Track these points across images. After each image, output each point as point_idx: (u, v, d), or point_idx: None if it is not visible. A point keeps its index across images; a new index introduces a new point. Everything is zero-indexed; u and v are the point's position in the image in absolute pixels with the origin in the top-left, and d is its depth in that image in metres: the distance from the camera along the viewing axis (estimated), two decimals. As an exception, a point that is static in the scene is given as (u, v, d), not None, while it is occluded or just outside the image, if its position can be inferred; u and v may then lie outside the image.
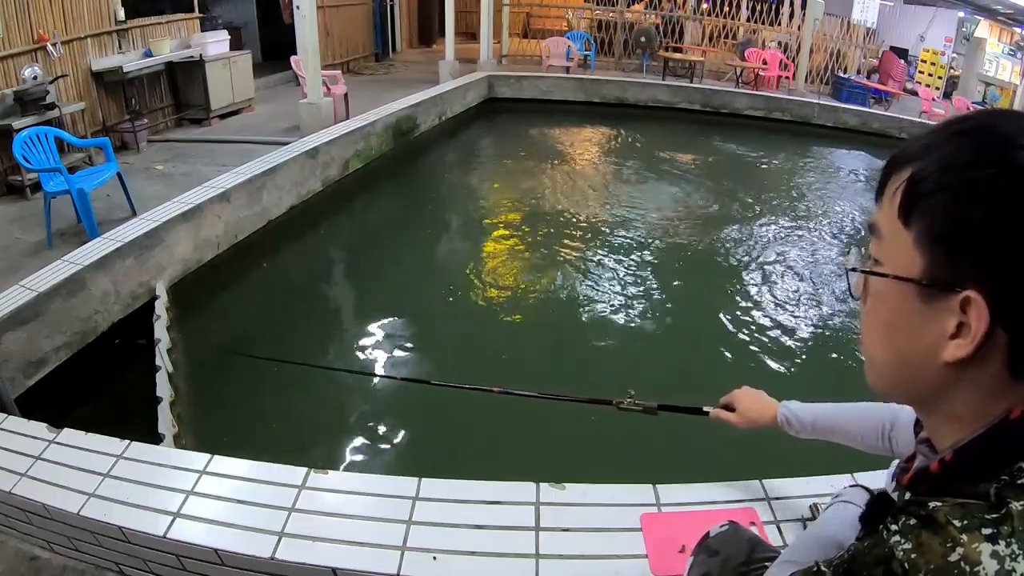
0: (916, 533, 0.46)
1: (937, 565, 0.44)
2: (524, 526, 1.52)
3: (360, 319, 4.10)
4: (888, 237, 0.55)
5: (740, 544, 1.10)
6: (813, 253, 5.19)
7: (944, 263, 0.50)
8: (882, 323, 0.57)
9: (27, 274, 3.13)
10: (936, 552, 0.45)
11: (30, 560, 1.82)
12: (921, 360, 0.53)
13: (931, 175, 0.51)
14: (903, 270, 0.53)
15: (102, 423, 2.00)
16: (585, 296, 4.26)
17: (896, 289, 0.54)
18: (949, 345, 0.51)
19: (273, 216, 4.81)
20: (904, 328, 0.54)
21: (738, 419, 1.28)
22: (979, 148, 0.49)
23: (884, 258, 0.56)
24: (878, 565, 0.48)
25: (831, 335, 3.97)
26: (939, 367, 0.52)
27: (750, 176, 7.37)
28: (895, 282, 0.54)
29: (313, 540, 1.49)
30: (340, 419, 3.11)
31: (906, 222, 0.52)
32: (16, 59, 4.99)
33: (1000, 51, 11.91)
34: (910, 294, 0.53)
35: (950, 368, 0.51)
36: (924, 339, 0.52)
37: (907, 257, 0.52)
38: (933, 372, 0.53)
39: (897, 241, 0.54)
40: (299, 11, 6.32)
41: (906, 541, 0.46)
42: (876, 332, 0.58)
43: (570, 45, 10.57)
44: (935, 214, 0.50)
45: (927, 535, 0.46)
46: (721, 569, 1.06)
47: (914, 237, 0.52)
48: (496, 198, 6.24)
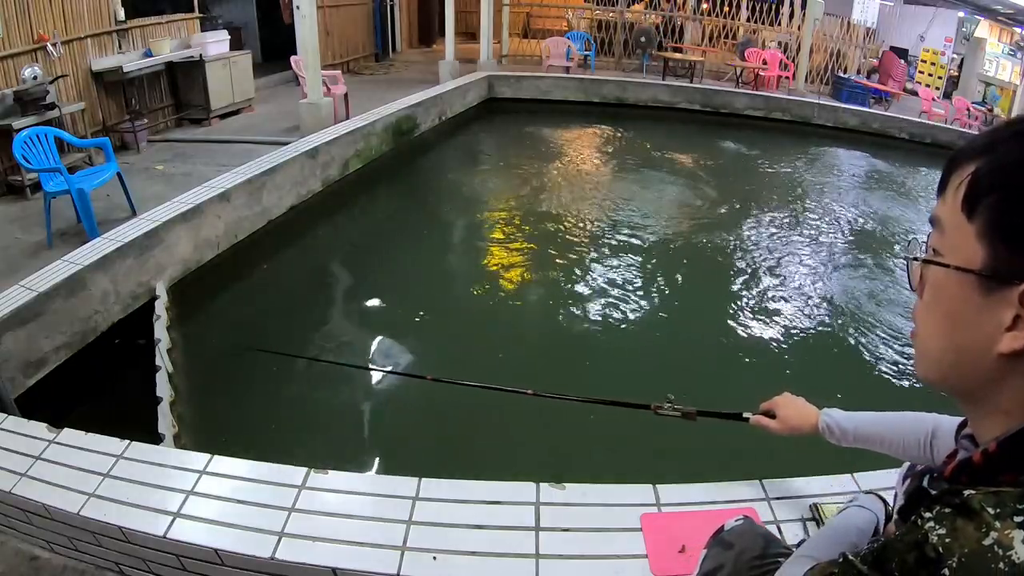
0: (951, 519, 0.48)
1: (971, 549, 0.45)
2: (524, 526, 1.52)
3: (360, 319, 4.10)
4: (950, 230, 0.56)
5: (755, 538, 1.10)
6: (814, 253, 5.19)
7: (1005, 256, 0.52)
8: (940, 314, 0.58)
9: (27, 274, 3.13)
10: (970, 537, 0.46)
11: (30, 560, 1.82)
12: (976, 351, 0.55)
13: (997, 171, 0.53)
14: (964, 261, 0.54)
15: (102, 423, 2.00)
16: (585, 296, 4.26)
17: (956, 280, 0.55)
18: (1005, 337, 0.52)
19: (273, 216, 4.81)
20: (961, 319, 0.56)
21: (779, 426, 1.27)
22: None
23: (945, 250, 0.57)
24: (911, 551, 0.49)
25: (832, 334, 3.97)
26: (993, 358, 0.53)
27: (750, 176, 7.37)
28: (956, 273, 0.55)
29: (313, 540, 1.49)
30: (340, 419, 3.11)
31: (969, 215, 0.54)
32: (16, 59, 4.99)
33: (1000, 51, 11.91)
34: (970, 285, 0.54)
35: (1003, 360, 0.53)
36: (981, 330, 0.54)
37: (969, 249, 0.54)
38: (987, 363, 0.54)
39: (959, 233, 0.55)
40: (299, 11, 6.32)
41: (940, 527, 0.48)
42: (932, 323, 0.59)
43: (570, 45, 10.57)
44: (1000, 209, 0.52)
45: (962, 521, 0.47)
46: (735, 563, 1.06)
47: (977, 230, 0.53)
48: (496, 198, 6.24)
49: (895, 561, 0.50)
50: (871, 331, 3.97)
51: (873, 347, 3.81)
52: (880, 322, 4.07)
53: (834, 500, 1.56)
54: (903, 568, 0.49)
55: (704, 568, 1.12)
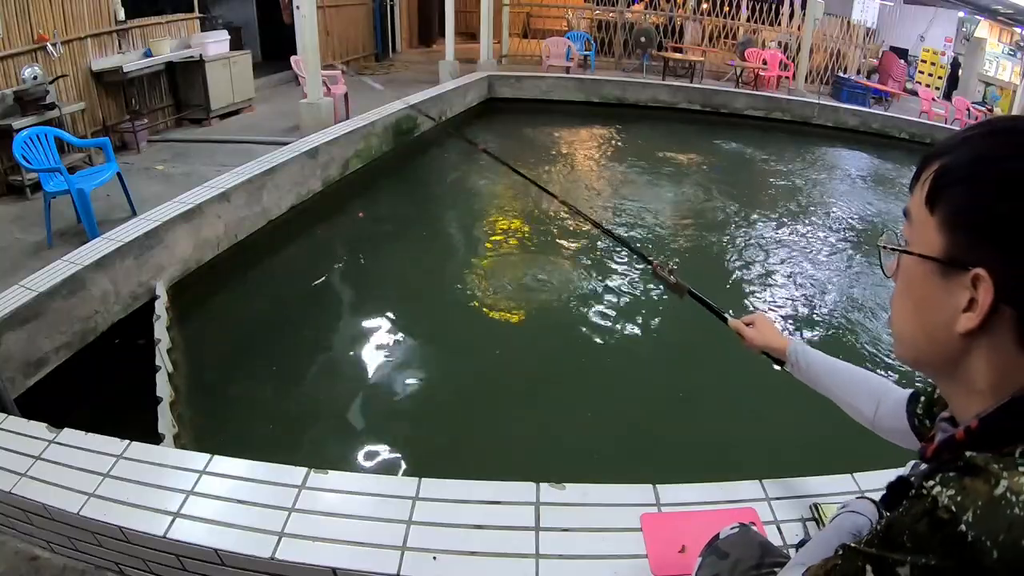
0: (958, 480, 0.50)
1: (985, 500, 0.47)
2: (524, 526, 1.52)
3: (360, 318, 4.10)
4: (917, 222, 0.62)
5: (751, 547, 1.09)
6: (814, 252, 5.19)
7: (961, 244, 0.57)
8: (909, 299, 0.64)
9: (27, 274, 3.12)
10: (981, 490, 0.48)
11: (30, 560, 1.82)
12: (941, 332, 0.60)
13: (955, 168, 0.58)
14: (927, 250, 0.60)
15: (102, 423, 2.00)
16: (585, 296, 4.25)
17: (921, 267, 0.61)
18: (962, 317, 0.57)
19: (273, 216, 4.80)
20: (926, 303, 0.61)
21: (753, 334, 1.31)
22: (1001, 145, 0.57)
23: (913, 240, 0.63)
24: (920, 519, 0.50)
25: (834, 334, 3.97)
26: (955, 338, 0.58)
27: (750, 176, 7.37)
28: (920, 260, 0.61)
29: (313, 540, 1.49)
30: (340, 419, 3.11)
31: (932, 208, 0.60)
32: (16, 59, 4.99)
33: (1000, 51, 11.91)
34: (932, 271, 0.60)
35: (964, 339, 0.58)
36: (943, 312, 0.59)
37: (931, 239, 0.60)
38: (951, 343, 0.59)
39: (924, 225, 0.61)
40: (299, 11, 6.32)
41: (949, 489, 0.49)
42: (904, 307, 0.65)
43: (570, 45, 10.57)
44: (956, 200, 0.58)
45: (969, 479, 0.49)
46: (731, 572, 1.06)
47: (937, 221, 0.59)
48: (496, 198, 6.24)
49: (905, 534, 0.50)
50: (870, 328, 3.97)
51: (873, 343, 3.81)
52: (878, 318, 4.07)
53: (834, 500, 1.55)
54: (915, 538, 0.50)
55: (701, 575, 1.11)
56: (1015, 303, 0.54)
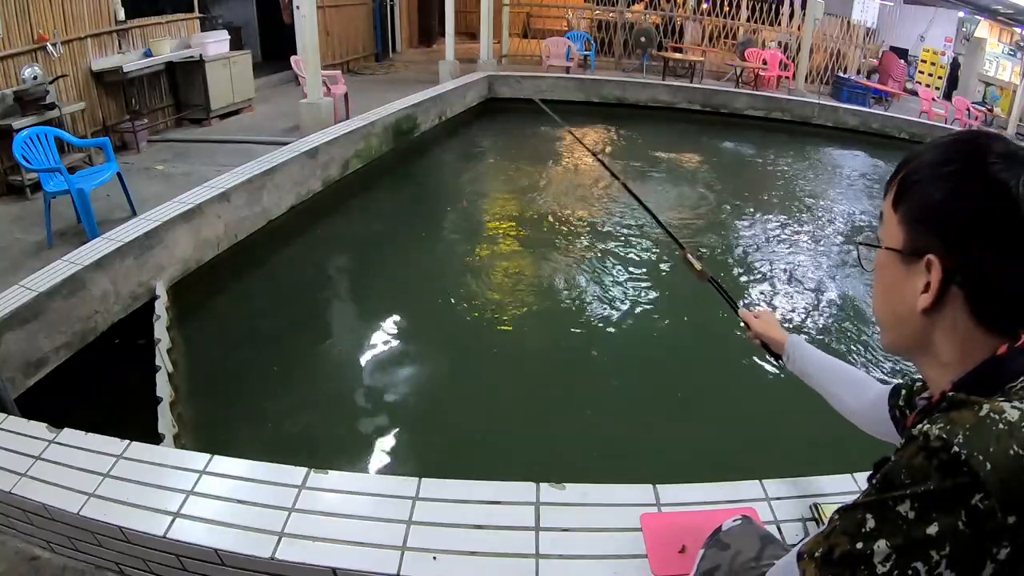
0: (944, 416, 0.55)
1: (972, 423, 0.52)
2: (524, 526, 1.51)
3: (360, 318, 4.11)
4: (886, 221, 0.72)
5: (752, 540, 1.10)
6: (815, 252, 5.19)
7: (915, 236, 0.67)
8: (882, 288, 0.73)
9: (27, 274, 3.12)
10: (967, 417, 0.53)
11: (30, 560, 1.82)
12: (907, 314, 0.69)
13: (914, 172, 0.69)
14: (892, 243, 0.70)
15: (102, 423, 2.00)
16: (586, 296, 4.25)
17: (889, 259, 0.71)
18: (921, 298, 0.66)
19: (273, 216, 4.80)
20: (894, 289, 0.70)
21: (757, 325, 1.39)
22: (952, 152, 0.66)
23: (884, 237, 0.72)
24: (916, 455, 0.53)
25: (825, 328, 3.97)
26: (918, 318, 0.67)
27: (750, 176, 7.37)
28: (887, 252, 0.71)
29: (313, 540, 1.49)
30: (340, 418, 3.11)
31: (895, 207, 0.70)
32: (16, 59, 4.99)
33: (1000, 51, 11.91)
34: (897, 261, 0.69)
35: (925, 317, 0.67)
36: (907, 295, 0.68)
37: (895, 233, 0.70)
38: (916, 323, 0.68)
39: (890, 222, 0.71)
40: (299, 11, 6.32)
41: (937, 424, 0.54)
42: (879, 296, 0.74)
43: (570, 45, 10.57)
44: (913, 199, 0.68)
45: (955, 412, 0.55)
46: (731, 563, 1.06)
47: (899, 218, 0.69)
48: (496, 198, 6.24)
49: (902, 473, 0.53)
50: (860, 323, 3.98)
51: (862, 336, 3.81)
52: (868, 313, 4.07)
53: (834, 500, 1.55)
54: (912, 471, 0.52)
55: (701, 568, 1.12)
56: (961, 284, 0.63)
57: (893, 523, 0.51)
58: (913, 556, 0.50)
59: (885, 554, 0.51)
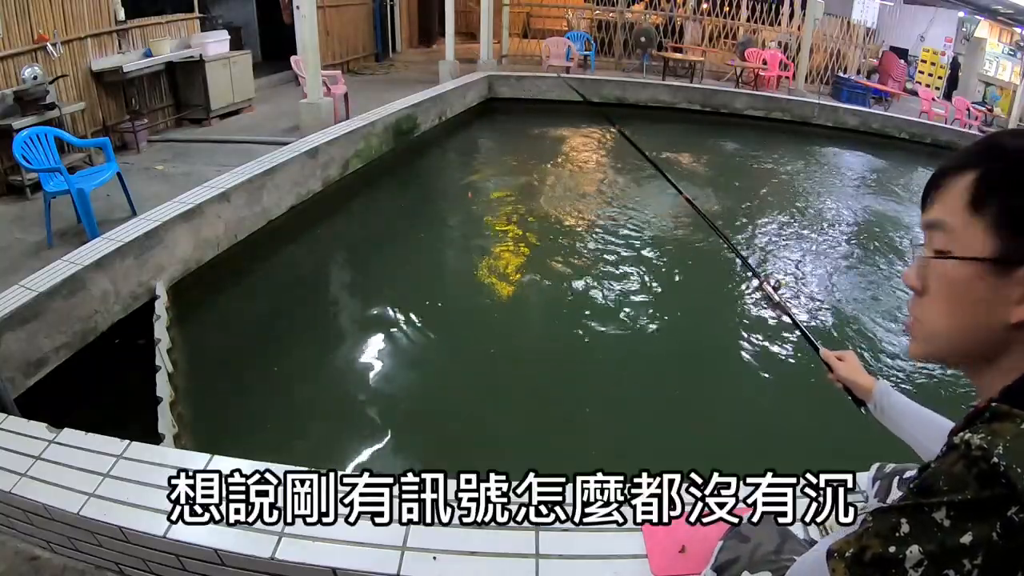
0: (986, 426, 0.54)
1: (1013, 435, 0.51)
2: (524, 526, 1.51)
3: (360, 318, 4.10)
4: (958, 229, 0.65)
5: (772, 533, 1.10)
6: (813, 252, 5.19)
7: (1012, 244, 0.61)
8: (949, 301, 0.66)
9: (27, 274, 3.12)
10: (1009, 429, 0.52)
11: (30, 560, 1.82)
12: (987, 327, 0.64)
13: (998, 172, 0.62)
14: (973, 252, 0.63)
15: (102, 423, 2.00)
16: (586, 296, 4.25)
17: (966, 270, 0.64)
18: (1016, 310, 0.61)
19: (273, 216, 4.80)
20: (971, 301, 0.64)
21: (842, 369, 1.28)
22: None
23: (955, 247, 0.65)
24: (956, 463, 0.52)
25: (838, 334, 3.97)
26: (1003, 328, 0.62)
27: (750, 176, 7.37)
28: (968, 263, 0.64)
29: (313, 540, 1.49)
30: (340, 418, 3.11)
31: (976, 211, 0.63)
32: (16, 59, 4.99)
33: (1000, 51, 11.91)
34: (981, 272, 0.63)
35: (1012, 329, 0.62)
36: (992, 307, 0.63)
37: (978, 242, 0.63)
38: (994, 335, 0.63)
39: (968, 231, 0.64)
40: (299, 11, 6.32)
41: (979, 434, 0.53)
42: (940, 309, 0.67)
43: (570, 45, 10.57)
44: (1005, 204, 0.61)
45: (997, 424, 0.54)
46: (751, 555, 1.07)
47: (985, 225, 0.62)
48: (496, 198, 6.23)
49: (940, 479, 0.52)
50: (871, 326, 3.98)
51: (876, 340, 3.81)
52: (874, 313, 4.08)
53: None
54: (951, 479, 0.52)
55: (719, 560, 1.12)
56: None
57: (928, 529, 0.51)
58: (945, 563, 0.50)
59: (917, 559, 0.51)
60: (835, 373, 1.29)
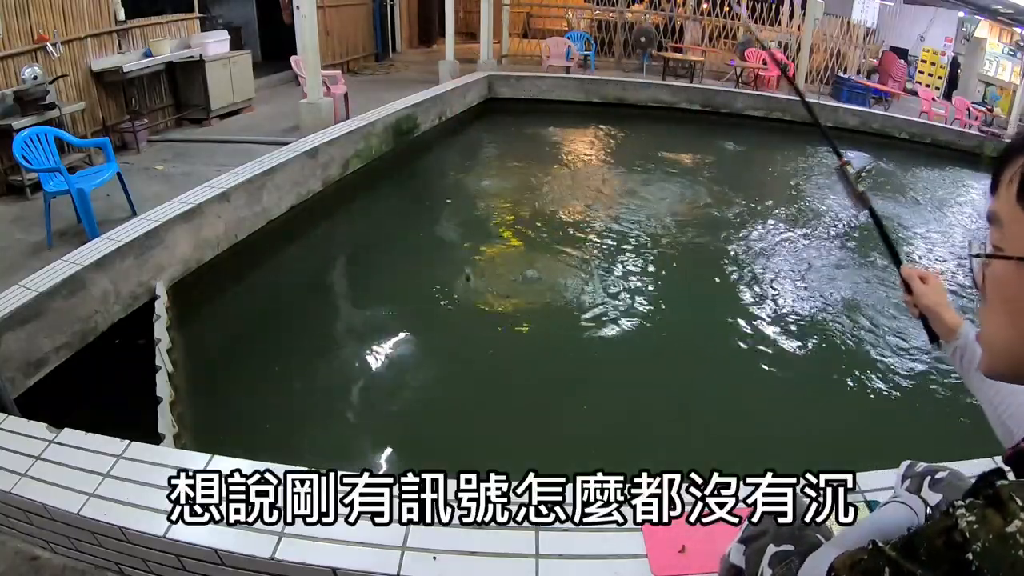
0: (981, 509, 0.50)
1: (995, 535, 0.48)
2: (524, 526, 1.51)
3: (360, 318, 4.11)
4: (1008, 224, 0.56)
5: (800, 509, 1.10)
6: (813, 252, 5.19)
7: None
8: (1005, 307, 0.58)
9: (27, 274, 3.12)
10: (996, 525, 0.48)
11: (30, 560, 1.82)
12: None
13: None
14: None
15: (102, 423, 2.00)
16: (586, 297, 4.25)
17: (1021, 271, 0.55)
18: None
19: (273, 216, 4.80)
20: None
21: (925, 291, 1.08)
22: None
23: (1006, 244, 0.57)
24: (940, 536, 0.51)
25: (838, 334, 3.97)
26: None
27: (751, 176, 7.38)
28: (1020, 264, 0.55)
29: (313, 540, 1.49)
30: (340, 418, 3.11)
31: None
32: (16, 59, 4.99)
33: (1000, 51, 11.91)
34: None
35: None
36: None
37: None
38: None
39: (1019, 226, 0.55)
40: (299, 11, 6.32)
41: (970, 515, 0.50)
42: (997, 318, 0.59)
43: (570, 45, 10.56)
44: None
45: (991, 511, 0.50)
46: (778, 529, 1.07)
47: None
48: (496, 198, 6.23)
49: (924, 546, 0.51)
50: (861, 324, 3.98)
51: (872, 341, 3.81)
52: (870, 316, 4.07)
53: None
54: (931, 552, 0.51)
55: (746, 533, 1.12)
56: None
57: None
58: None
59: None
60: (916, 297, 1.09)
